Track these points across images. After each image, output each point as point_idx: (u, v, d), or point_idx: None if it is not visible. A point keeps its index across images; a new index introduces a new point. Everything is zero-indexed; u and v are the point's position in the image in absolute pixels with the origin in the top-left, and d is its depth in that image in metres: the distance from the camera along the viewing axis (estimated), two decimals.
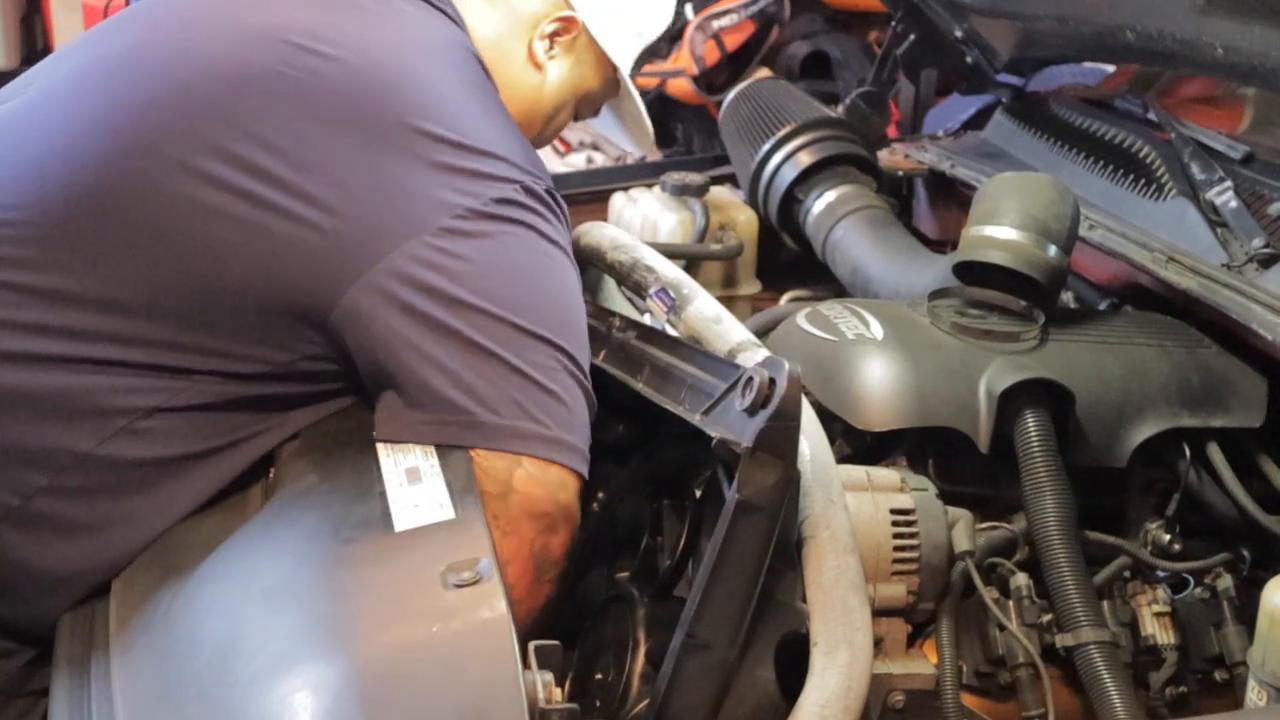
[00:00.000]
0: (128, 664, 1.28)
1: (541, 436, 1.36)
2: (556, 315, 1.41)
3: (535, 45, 1.73)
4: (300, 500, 1.37)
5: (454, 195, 1.38)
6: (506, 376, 1.36)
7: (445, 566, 1.17)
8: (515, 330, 1.37)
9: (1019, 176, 1.76)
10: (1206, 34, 1.76)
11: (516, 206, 1.42)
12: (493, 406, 1.35)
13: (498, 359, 1.35)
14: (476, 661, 1.09)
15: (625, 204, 2.40)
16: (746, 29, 4.14)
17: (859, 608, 1.22)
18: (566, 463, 1.38)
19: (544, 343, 1.38)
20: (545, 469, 1.36)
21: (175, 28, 1.51)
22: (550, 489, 1.37)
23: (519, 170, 1.44)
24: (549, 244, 1.44)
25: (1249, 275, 1.65)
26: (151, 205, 1.36)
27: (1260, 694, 1.32)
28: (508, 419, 1.35)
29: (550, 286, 1.43)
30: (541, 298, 1.41)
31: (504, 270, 1.39)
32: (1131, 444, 1.57)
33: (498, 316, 1.36)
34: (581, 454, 1.40)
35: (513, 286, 1.38)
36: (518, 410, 1.36)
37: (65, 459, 1.37)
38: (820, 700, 1.15)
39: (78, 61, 1.53)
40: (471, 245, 1.37)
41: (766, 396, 1.20)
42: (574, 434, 1.39)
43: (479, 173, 1.41)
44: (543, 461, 1.36)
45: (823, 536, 1.26)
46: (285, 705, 1.07)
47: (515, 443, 1.35)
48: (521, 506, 1.37)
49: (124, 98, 1.42)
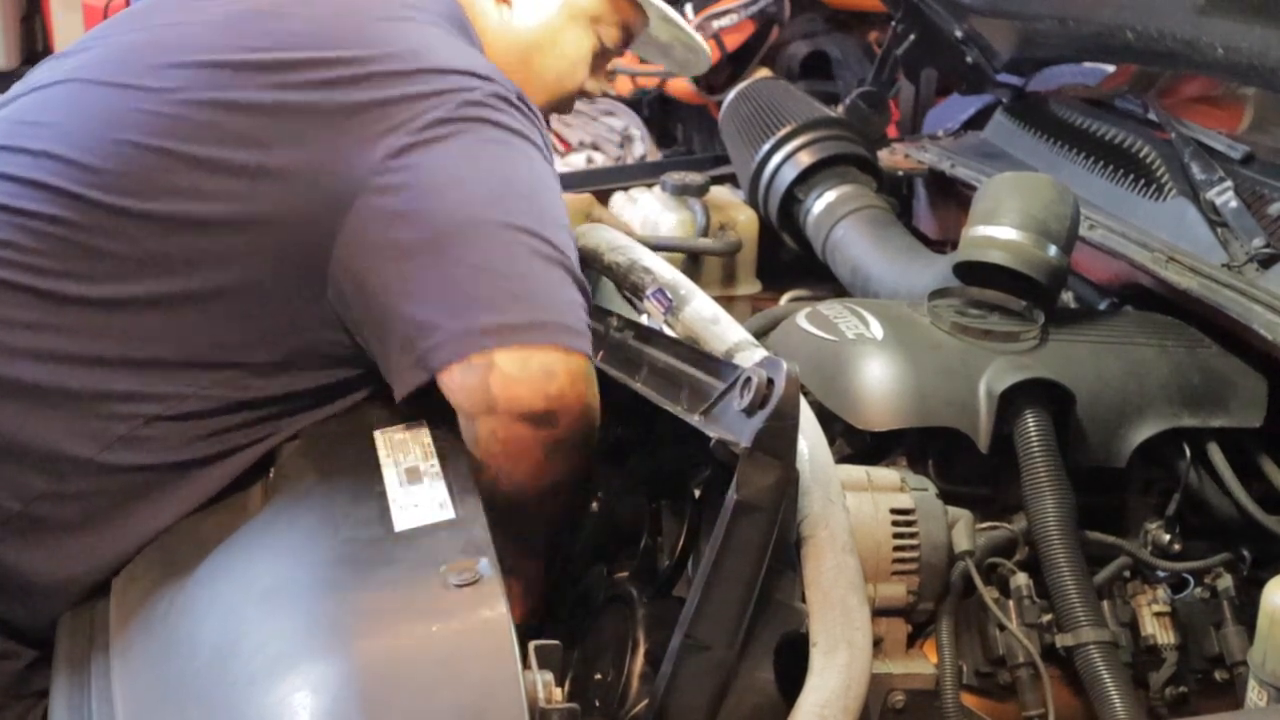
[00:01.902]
0: (128, 664, 1.28)
1: (514, 324, 1.31)
2: (515, 198, 1.37)
3: None
4: (300, 500, 1.37)
5: (409, 114, 1.38)
6: (472, 276, 1.32)
7: (445, 566, 1.17)
8: (473, 223, 1.33)
9: (1019, 176, 1.76)
10: (1206, 34, 1.76)
11: (473, 106, 1.40)
12: (462, 310, 1.32)
13: (461, 259, 1.33)
14: (476, 661, 1.09)
15: (625, 204, 2.40)
16: (746, 29, 4.14)
17: (858, 607, 1.22)
18: (547, 342, 1.32)
19: (507, 229, 1.34)
20: (524, 361, 1.31)
21: (158, 26, 1.53)
22: (535, 382, 1.32)
23: (473, 78, 1.43)
24: (507, 133, 1.41)
25: (1249, 275, 1.65)
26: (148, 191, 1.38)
27: (1260, 694, 1.32)
28: (476, 318, 1.31)
29: (508, 171, 1.40)
30: (497, 185, 1.37)
31: (459, 169, 1.36)
32: (1131, 444, 1.57)
33: (454, 214, 1.34)
34: (567, 328, 1.34)
35: (471, 183, 1.36)
36: (485, 307, 1.31)
37: (65, 465, 1.37)
38: (820, 700, 1.14)
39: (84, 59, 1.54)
40: (429, 154, 1.36)
41: (765, 397, 1.20)
42: (552, 312, 1.33)
43: (423, 93, 1.39)
44: (518, 351, 1.31)
45: (821, 536, 1.26)
46: (285, 705, 1.07)
47: (481, 340, 1.31)
48: (510, 411, 1.32)
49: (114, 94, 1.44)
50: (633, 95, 4.33)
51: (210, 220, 1.37)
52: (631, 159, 4.25)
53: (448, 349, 1.32)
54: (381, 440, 1.39)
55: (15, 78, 1.60)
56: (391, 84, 1.40)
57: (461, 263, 1.34)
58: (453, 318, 1.32)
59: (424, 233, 1.34)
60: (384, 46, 1.44)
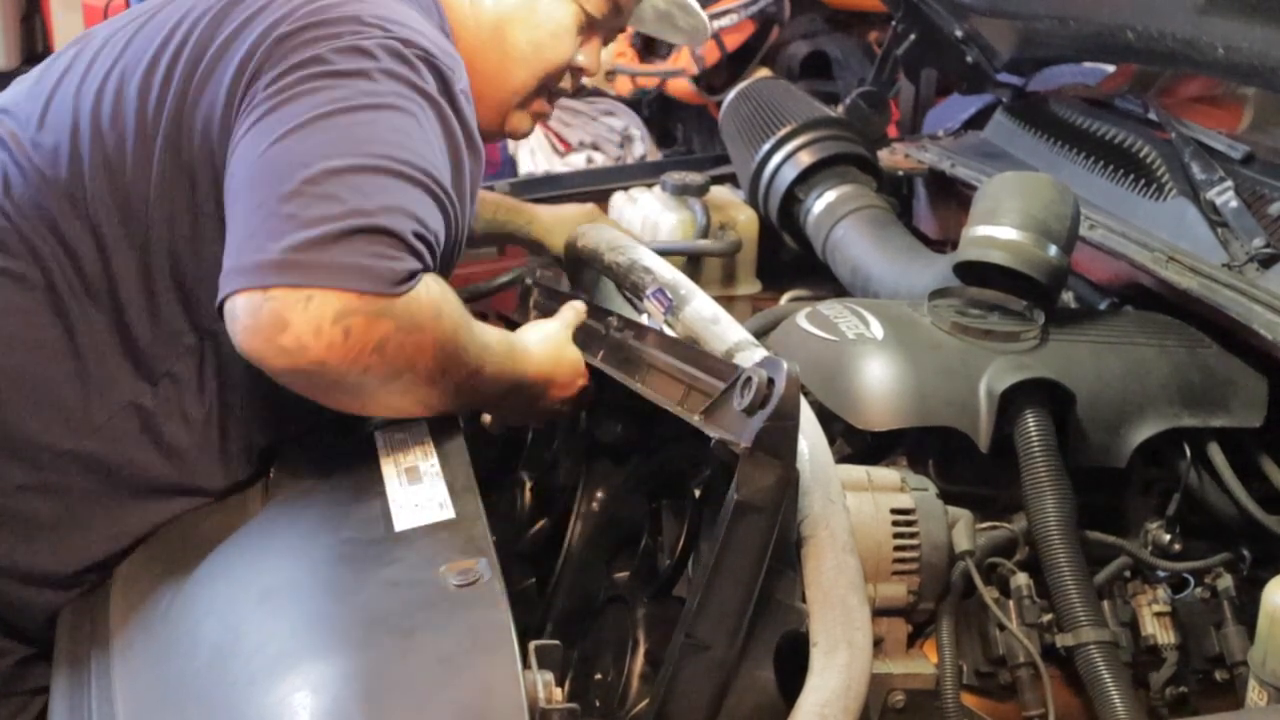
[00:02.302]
0: (128, 663, 1.28)
1: (256, 265, 1.21)
2: (357, 145, 1.28)
3: None
4: (300, 500, 1.37)
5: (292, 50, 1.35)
6: (249, 214, 1.25)
7: (445, 566, 1.17)
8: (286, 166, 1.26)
9: (1019, 176, 1.76)
10: (1207, 34, 1.76)
11: (356, 54, 1.35)
12: (236, 249, 1.24)
13: (255, 198, 1.26)
14: (476, 661, 1.09)
15: (625, 204, 2.40)
16: (746, 29, 4.14)
17: (858, 607, 1.22)
18: (284, 282, 1.20)
19: (318, 174, 1.25)
20: (255, 307, 1.20)
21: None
22: (265, 333, 1.20)
23: (381, 32, 1.38)
24: (392, 81, 1.35)
25: (1249, 275, 1.65)
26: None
27: (1260, 694, 1.32)
28: (236, 257, 1.23)
29: (358, 122, 1.30)
30: (344, 134, 1.29)
31: (300, 116, 1.30)
32: (1132, 444, 1.57)
33: (270, 158, 1.27)
34: (335, 267, 1.21)
35: (308, 127, 1.29)
36: (247, 245, 1.23)
37: (44, 455, 1.39)
38: (820, 700, 1.14)
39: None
40: (291, 95, 1.31)
41: (765, 397, 1.19)
42: (323, 248, 1.21)
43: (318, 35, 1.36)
44: (250, 294, 1.21)
45: (822, 536, 1.25)
46: (285, 705, 1.07)
47: (230, 281, 1.23)
48: (269, 369, 1.23)
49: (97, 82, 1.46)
50: (633, 95, 4.33)
51: (152, 182, 1.39)
52: (631, 159, 4.25)
53: (220, 287, 1.25)
54: (381, 440, 1.39)
55: (16, 77, 1.60)
56: (281, 16, 1.38)
57: (239, 201, 1.28)
58: (226, 255, 1.26)
59: (239, 172, 1.31)
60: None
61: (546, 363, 1.52)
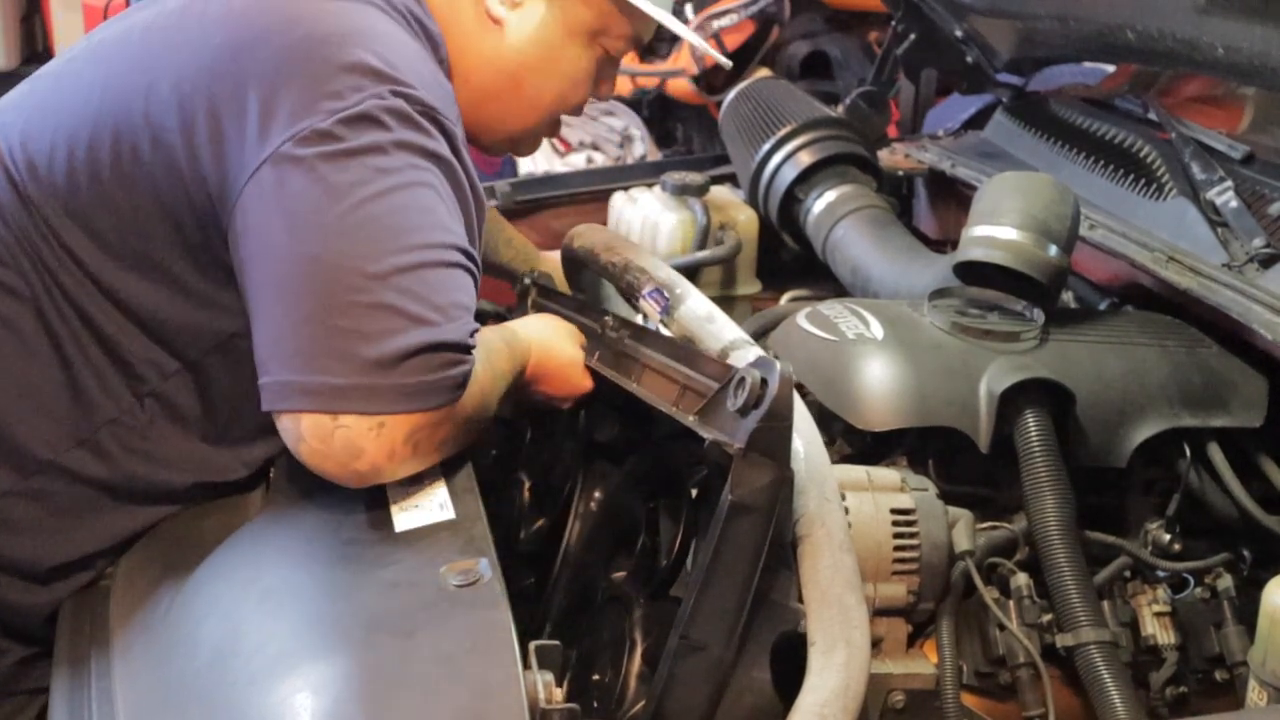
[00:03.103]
0: (128, 664, 1.28)
1: (319, 388, 1.21)
2: (380, 240, 1.26)
3: (488, 2, 1.58)
4: (300, 500, 1.37)
5: (292, 116, 1.30)
6: (291, 325, 1.24)
7: (445, 567, 1.17)
8: (316, 265, 1.24)
9: (1019, 176, 1.76)
10: (1207, 34, 1.76)
11: (364, 123, 1.30)
12: (277, 361, 1.24)
13: (293, 299, 1.24)
14: (476, 661, 1.09)
15: (625, 204, 2.40)
16: (746, 29, 4.14)
17: (856, 606, 1.22)
18: (353, 409, 1.21)
19: (352, 275, 1.23)
20: (326, 434, 1.22)
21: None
22: (338, 459, 1.24)
23: (384, 83, 1.33)
24: (402, 153, 1.31)
25: (1249, 275, 1.65)
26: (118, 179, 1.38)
27: (1260, 694, 1.32)
28: (283, 372, 1.23)
29: (379, 209, 1.27)
30: (362, 225, 1.26)
31: (322, 199, 1.26)
32: (1132, 444, 1.57)
33: (301, 255, 1.25)
34: (395, 390, 1.22)
35: (329, 218, 1.26)
36: (295, 361, 1.23)
37: (30, 463, 1.39)
38: (819, 700, 1.14)
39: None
40: (299, 172, 1.27)
41: (758, 397, 1.19)
42: (379, 370, 1.21)
43: (323, 94, 1.31)
44: (319, 418, 1.22)
45: (818, 535, 1.25)
46: (285, 706, 1.07)
47: (290, 400, 1.23)
48: (334, 478, 1.26)
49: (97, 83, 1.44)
50: (633, 95, 4.33)
51: (141, 203, 1.38)
52: (631, 159, 4.25)
53: (268, 395, 1.26)
54: None
55: (15, 77, 1.60)
56: (280, 75, 1.32)
57: (281, 304, 1.26)
58: (273, 364, 1.25)
59: (271, 266, 1.28)
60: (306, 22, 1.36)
61: (541, 362, 1.56)
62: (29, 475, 1.39)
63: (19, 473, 1.39)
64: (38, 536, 1.41)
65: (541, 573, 1.70)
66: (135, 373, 1.41)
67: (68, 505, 1.41)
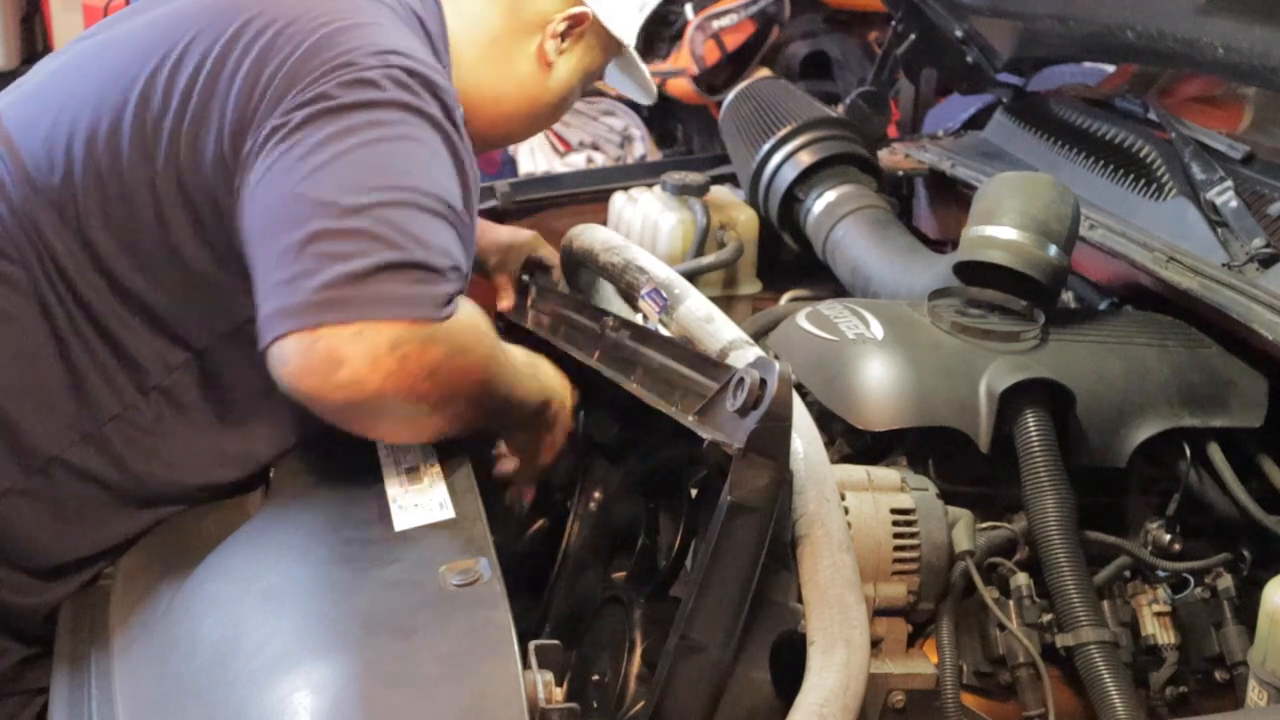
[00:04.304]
0: (128, 663, 1.28)
1: (301, 305, 1.22)
2: (374, 177, 1.29)
3: (547, 45, 1.73)
4: (300, 500, 1.38)
5: (295, 88, 1.34)
6: (276, 258, 1.26)
7: (445, 566, 1.17)
8: (306, 203, 1.27)
9: (1019, 176, 1.76)
10: (1207, 34, 1.76)
11: (356, 86, 1.35)
12: (265, 296, 1.26)
13: (283, 240, 1.26)
14: (476, 661, 1.09)
15: (625, 204, 2.40)
16: (746, 29, 4.14)
17: (855, 605, 1.22)
18: (333, 320, 1.21)
19: (338, 211, 1.26)
20: (306, 347, 1.22)
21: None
22: (320, 372, 1.21)
23: (378, 57, 1.38)
24: (395, 110, 1.35)
25: (1249, 275, 1.65)
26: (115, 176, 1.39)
27: (1260, 694, 1.32)
28: (272, 300, 1.25)
29: (371, 155, 1.31)
30: (356, 167, 1.30)
31: (319, 151, 1.30)
32: (1132, 444, 1.57)
33: (293, 194, 1.28)
34: (378, 298, 1.23)
35: (323, 165, 1.29)
36: (283, 287, 1.24)
37: (35, 460, 1.40)
38: (819, 700, 1.14)
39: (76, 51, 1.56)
40: (297, 135, 1.31)
41: (757, 398, 1.19)
42: (363, 282, 1.22)
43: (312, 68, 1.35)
44: (299, 336, 1.22)
45: (817, 534, 1.25)
46: (285, 705, 1.07)
47: (274, 325, 1.24)
48: (321, 409, 1.25)
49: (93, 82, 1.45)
50: None
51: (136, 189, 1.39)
52: (631, 159, 4.25)
53: (261, 335, 1.26)
54: (382, 441, 1.39)
55: (15, 78, 1.60)
56: (283, 51, 1.37)
57: (265, 245, 1.28)
58: (263, 302, 1.26)
59: (259, 216, 1.31)
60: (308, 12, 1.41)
61: (559, 382, 1.58)
62: (32, 472, 1.39)
63: (23, 470, 1.39)
64: (41, 536, 1.41)
65: (541, 573, 1.70)
66: (140, 366, 1.41)
67: (71, 503, 1.41)
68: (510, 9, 1.70)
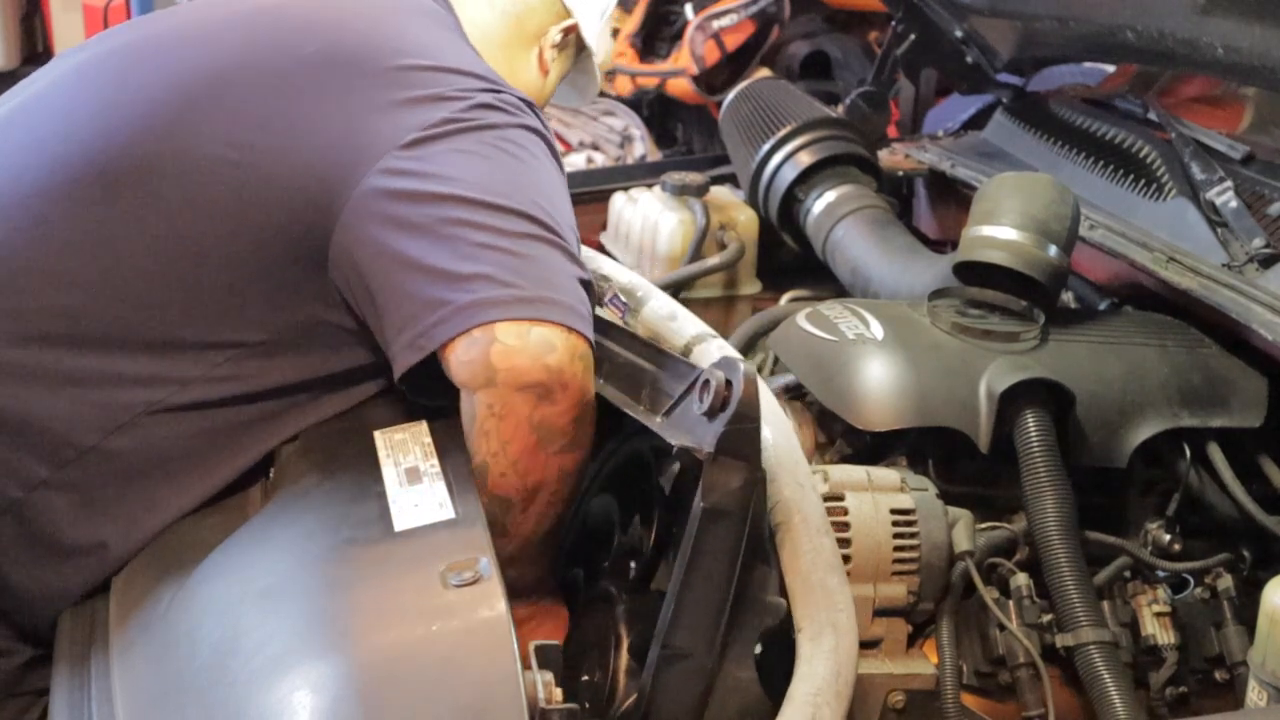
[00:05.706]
0: (127, 663, 1.28)
1: (516, 298, 1.33)
2: (524, 189, 1.42)
3: (546, 54, 1.80)
4: (300, 500, 1.37)
5: (422, 113, 1.43)
6: (476, 253, 1.35)
7: (445, 566, 1.17)
8: (480, 206, 1.37)
9: (1019, 176, 1.76)
10: (1207, 34, 1.76)
11: (481, 109, 1.46)
12: (466, 286, 1.34)
13: (466, 239, 1.36)
14: (476, 661, 1.09)
15: (625, 204, 2.41)
16: (746, 29, 4.14)
17: (839, 588, 1.22)
18: (548, 318, 1.34)
19: (512, 214, 1.38)
20: (523, 333, 1.33)
21: (176, 23, 1.57)
22: (533, 353, 1.33)
23: (485, 82, 1.51)
24: (519, 130, 1.48)
25: (1249, 275, 1.65)
26: (152, 177, 1.41)
27: (1260, 694, 1.32)
28: (480, 293, 1.33)
29: (515, 166, 1.44)
30: (504, 176, 1.42)
31: (468, 160, 1.41)
32: (1132, 444, 1.57)
33: (461, 197, 1.37)
34: (570, 309, 1.36)
35: (479, 171, 1.41)
36: (488, 282, 1.34)
37: (69, 452, 1.38)
38: (811, 689, 1.14)
39: (79, 60, 1.56)
40: (440, 146, 1.41)
41: (725, 399, 1.19)
42: (555, 291, 1.36)
43: (441, 95, 1.46)
44: (519, 324, 1.33)
45: (795, 521, 1.25)
46: (284, 705, 1.07)
47: (485, 313, 1.33)
48: (508, 383, 1.33)
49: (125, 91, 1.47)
50: (633, 95, 4.33)
51: (213, 199, 1.40)
52: (631, 159, 4.24)
53: (452, 323, 1.33)
54: (381, 440, 1.39)
55: (15, 78, 1.61)
56: (405, 81, 1.45)
57: (467, 240, 1.36)
58: (458, 292, 1.34)
59: (431, 212, 1.37)
60: (396, 40, 1.50)
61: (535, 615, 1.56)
62: (64, 465, 1.39)
63: (54, 464, 1.39)
64: (70, 531, 1.40)
65: None
66: (172, 357, 1.41)
67: (99, 498, 1.40)
68: (517, 20, 1.77)
